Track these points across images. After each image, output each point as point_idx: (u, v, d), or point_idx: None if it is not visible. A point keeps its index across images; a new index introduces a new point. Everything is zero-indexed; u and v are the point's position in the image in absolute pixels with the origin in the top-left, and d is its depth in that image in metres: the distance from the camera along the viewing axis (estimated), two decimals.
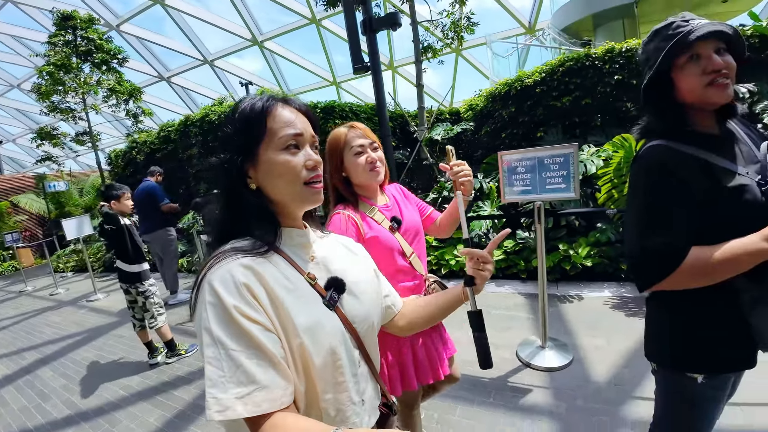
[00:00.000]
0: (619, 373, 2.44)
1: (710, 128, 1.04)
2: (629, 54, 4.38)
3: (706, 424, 1.12)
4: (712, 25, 0.94)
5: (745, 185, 0.94)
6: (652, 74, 1.03)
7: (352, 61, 4.40)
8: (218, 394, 0.60)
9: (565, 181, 2.67)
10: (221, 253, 0.71)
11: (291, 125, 0.74)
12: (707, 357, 1.04)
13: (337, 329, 0.75)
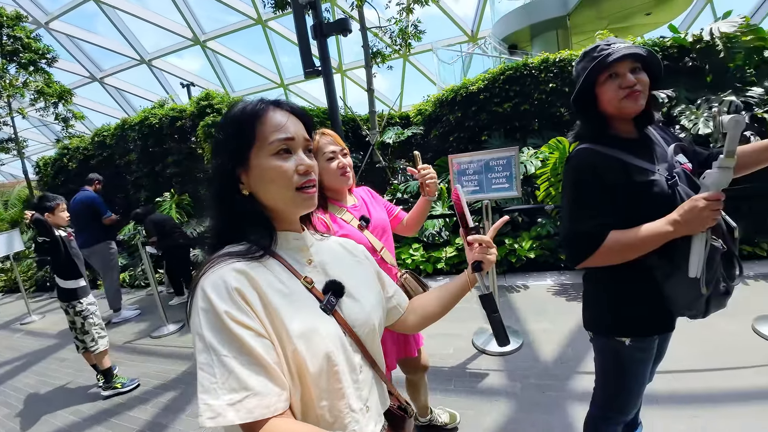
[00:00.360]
0: (564, 352, 2.72)
1: (629, 133, 1.25)
2: (562, 64, 4.80)
3: (637, 382, 1.32)
4: (627, 48, 1.13)
5: (654, 180, 1.14)
6: (580, 88, 1.22)
7: (303, 66, 4.42)
8: (210, 401, 0.59)
9: (508, 181, 2.93)
10: (215, 258, 0.70)
11: (282, 130, 0.73)
12: (632, 323, 1.25)
13: (334, 334, 0.73)
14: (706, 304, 1.13)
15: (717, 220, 1.03)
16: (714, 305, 1.15)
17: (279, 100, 0.78)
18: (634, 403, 1.38)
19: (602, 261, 1.18)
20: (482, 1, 11.51)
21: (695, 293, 1.10)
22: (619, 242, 1.14)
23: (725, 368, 2.33)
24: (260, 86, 15.15)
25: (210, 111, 5.76)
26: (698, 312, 1.16)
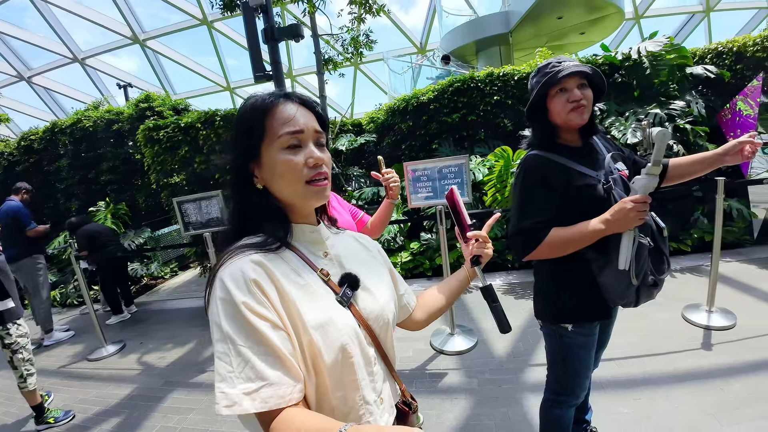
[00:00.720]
0: (516, 347, 2.90)
1: (575, 142, 1.39)
2: (505, 78, 5.10)
3: (582, 366, 1.47)
4: (576, 66, 1.26)
5: (591, 184, 1.29)
6: (533, 100, 1.36)
7: (252, 70, 4.34)
8: (226, 389, 0.60)
9: (460, 187, 3.07)
10: (233, 250, 0.71)
11: (291, 123, 0.73)
12: (572, 311, 1.40)
13: (350, 326, 0.74)
14: (637, 294, 1.28)
15: (644, 219, 1.17)
16: (644, 296, 1.29)
17: (289, 92, 0.79)
18: (582, 386, 1.52)
19: (545, 254, 1.33)
20: (431, 15, 11.98)
21: (625, 283, 1.24)
22: (559, 237, 1.28)
23: (660, 353, 2.60)
24: (204, 89, 14.52)
25: (150, 114, 5.45)
26: (630, 301, 1.30)
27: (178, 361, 3.51)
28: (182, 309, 4.97)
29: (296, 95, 0.78)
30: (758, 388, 2.19)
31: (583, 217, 1.27)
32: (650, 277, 1.25)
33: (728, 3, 11.95)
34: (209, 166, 4.40)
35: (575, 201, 1.29)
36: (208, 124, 4.30)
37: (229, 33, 12.24)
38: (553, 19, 9.28)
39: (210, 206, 3.52)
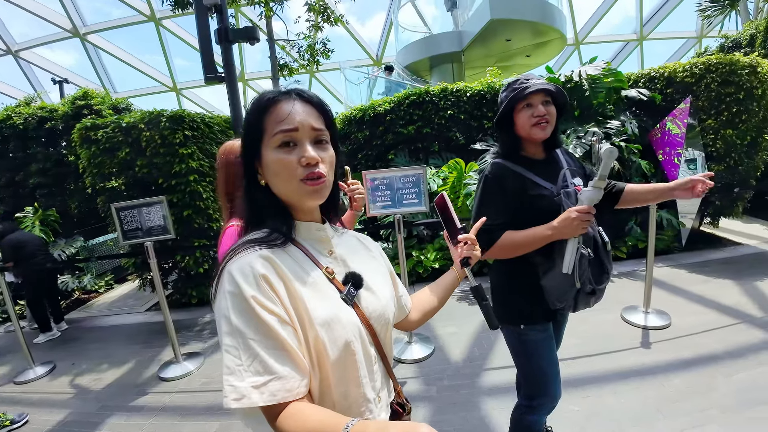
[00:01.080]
0: (471, 352, 2.95)
1: (537, 155, 1.49)
2: (459, 93, 5.28)
3: (547, 362, 1.52)
4: (542, 84, 1.37)
5: (544, 195, 1.39)
6: (501, 113, 1.45)
7: (204, 71, 4.16)
8: (235, 382, 0.61)
9: (417, 197, 3.12)
10: (241, 245, 0.72)
11: (285, 121, 0.72)
12: (520, 311, 1.49)
13: (354, 324, 0.75)
14: (575, 300, 1.36)
15: (586, 229, 1.27)
16: (581, 302, 1.38)
17: (290, 89, 0.77)
18: (554, 384, 1.53)
19: (498, 254, 1.42)
20: (387, 29, 12.23)
21: (565, 287, 1.34)
22: (511, 240, 1.37)
23: (605, 353, 2.76)
24: (148, 88, 13.71)
25: (88, 112, 5.04)
26: (568, 305, 1.39)
27: (116, 384, 3.20)
28: (119, 326, 4.57)
29: (297, 91, 0.76)
30: (694, 383, 2.39)
31: (533, 223, 1.36)
32: (588, 285, 1.33)
33: (659, 33, 13.28)
34: (152, 170, 4.11)
35: (529, 208, 1.38)
36: (153, 125, 4.02)
37: (178, 32, 11.72)
38: (502, 41, 9.82)
39: (152, 213, 3.27)
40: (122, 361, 3.57)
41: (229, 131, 4.72)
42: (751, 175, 4.70)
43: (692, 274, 4.12)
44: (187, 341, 3.79)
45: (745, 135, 4.43)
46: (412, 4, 12.26)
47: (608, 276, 1.40)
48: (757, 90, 4.32)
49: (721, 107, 4.42)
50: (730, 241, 5.09)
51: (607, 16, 12.47)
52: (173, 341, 3.30)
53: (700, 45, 12.82)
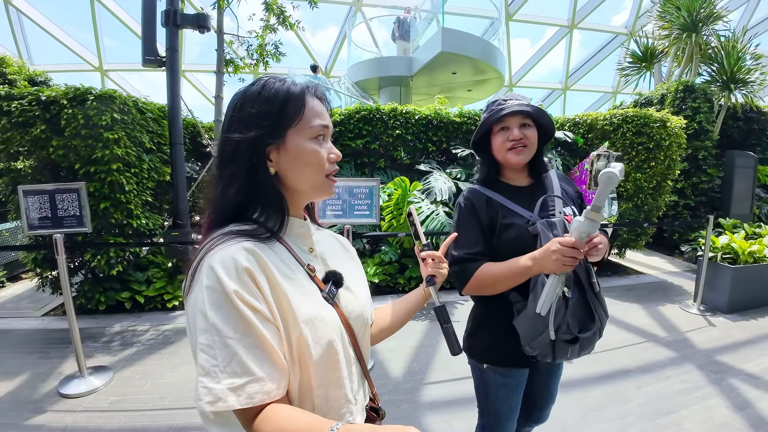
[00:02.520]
0: (410, 367, 2.95)
1: (519, 181, 1.38)
2: (407, 115, 5.43)
3: (502, 406, 1.39)
4: (519, 105, 1.26)
5: (515, 223, 1.27)
6: (478, 135, 1.36)
7: (143, 52, 3.83)
8: (210, 384, 0.57)
9: (369, 209, 3.11)
10: (221, 235, 0.67)
11: (322, 116, 0.74)
12: (486, 349, 1.37)
13: (336, 324, 0.73)
14: (553, 348, 1.18)
15: (567, 265, 1.07)
16: (560, 351, 1.18)
17: (316, 85, 0.78)
18: (503, 427, 1.42)
19: (477, 290, 1.27)
20: (339, 43, 12.32)
21: (538, 331, 1.17)
22: (489, 272, 1.23)
23: None
24: (70, 65, 12.20)
25: (1, 81, 4.34)
26: (544, 354, 1.20)
27: (8, 398, 2.69)
28: (10, 331, 3.87)
29: (321, 90, 0.78)
30: (612, 394, 2.62)
31: (509, 254, 1.24)
32: (566, 333, 1.16)
33: (581, 85, 14.93)
34: (68, 153, 3.64)
35: (502, 237, 1.28)
36: (78, 102, 3.58)
37: (115, 8, 10.71)
38: (448, 74, 10.40)
39: (67, 201, 2.87)
40: (14, 373, 3.01)
41: (163, 120, 4.36)
42: (654, 214, 5.39)
43: (606, 297, 4.55)
44: (93, 353, 3.32)
45: (652, 179, 5.11)
46: (365, 25, 12.56)
47: (597, 324, 1.22)
48: (665, 141, 5.03)
49: (633, 153, 5.06)
50: (634, 270, 5.76)
51: (538, 65, 13.86)
52: (78, 352, 2.86)
53: (615, 99, 14.74)
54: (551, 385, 1.51)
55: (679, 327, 3.74)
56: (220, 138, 0.75)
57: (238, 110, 0.73)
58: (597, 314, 1.22)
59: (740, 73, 6.60)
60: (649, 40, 8.16)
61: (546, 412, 1.56)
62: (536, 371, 1.45)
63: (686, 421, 2.34)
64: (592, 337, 1.22)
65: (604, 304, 1.26)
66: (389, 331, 0.99)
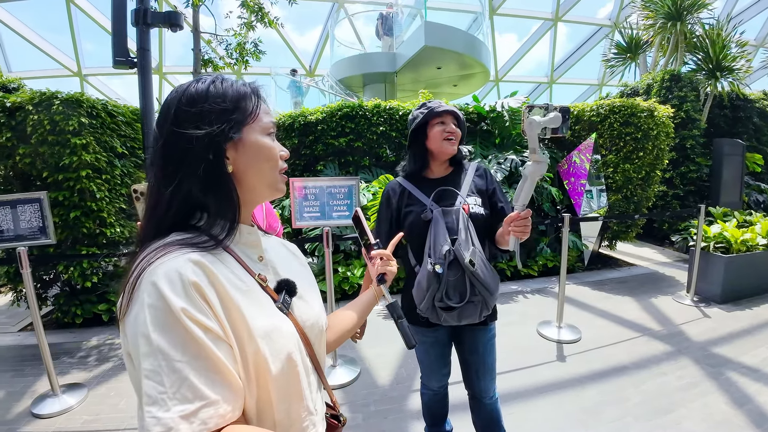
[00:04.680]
0: (398, 373, 2.83)
1: (438, 173, 1.63)
2: (391, 111, 5.32)
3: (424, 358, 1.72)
4: (452, 108, 1.57)
5: (412, 210, 1.54)
6: (417, 125, 1.57)
7: (113, 52, 3.65)
8: (158, 413, 0.52)
9: (348, 209, 2.98)
10: (163, 246, 0.61)
11: (270, 115, 0.75)
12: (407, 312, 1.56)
13: (293, 334, 0.70)
14: (435, 313, 1.47)
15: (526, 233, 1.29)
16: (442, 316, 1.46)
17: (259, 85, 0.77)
18: (427, 376, 1.76)
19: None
20: (323, 41, 12.15)
21: (420, 298, 1.46)
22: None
23: (524, 367, 2.82)
24: (49, 70, 11.92)
25: None
26: (432, 317, 1.48)
27: None
28: None
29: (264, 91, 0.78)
30: (608, 393, 2.53)
31: (408, 237, 1.54)
32: (440, 302, 1.43)
33: (567, 78, 14.93)
34: (36, 160, 3.46)
35: (403, 223, 1.55)
36: (44, 107, 3.40)
37: (92, 12, 10.45)
38: (433, 69, 10.30)
39: (28, 212, 2.71)
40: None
41: (136, 123, 4.19)
42: (644, 204, 5.33)
43: (595, 291, 4.49)
44: (68, 369, 3.16)
45: (641, 170, 5.04)
46: (349, 21, 12.40)
47: (478, 297, 1.44)
48: (653, 131, 4.96)
49: (621, 144, 4.98)
50: (625, 262, 5.70)
51: (523, 59, 13.81)
52: (49, 370, 2.71)
53: (601, 91, 14.75)
54: (480, 349, 1.65)
55: (673, 319, 3.68)
56: (163, 135, 0.66)
57: (186, 105, 0.66)
58: (476, 288, 1.44)
59: (726, 61, 6.59)
60: (633, 31, 8.13)
61: (483, 381, 1.69)
62: (461, 334, 1.67)
63: (686, 419, 2.26)
64: (470, 308, 1.45)
65: (485, 282, 1.44)
66: (346, 335, 0.99)
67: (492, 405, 1.75)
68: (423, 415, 1.95)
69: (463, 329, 1.63)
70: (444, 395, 1.85)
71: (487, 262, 1.51)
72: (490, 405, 1.74)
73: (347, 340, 3.49)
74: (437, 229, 1.46)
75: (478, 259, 1.44)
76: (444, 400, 1.87)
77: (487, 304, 1.48)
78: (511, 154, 5.04)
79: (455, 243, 1.44)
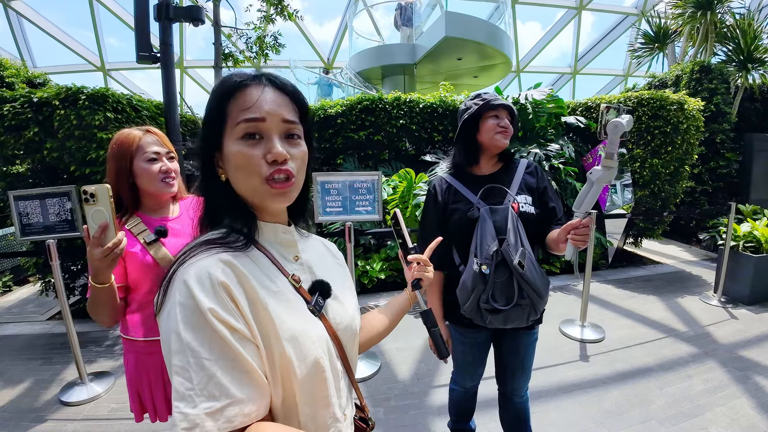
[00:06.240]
0: (419, 368, 2.82)
1: (486, 170, 1.58)
2: (411, 104, 5.26)
3: (459, 357, 1.70)
4: (507, 102, 1.51)
5: (458, 208, 1.51)
6: (469, 117, 1.52)
7: (136, 48, 3.69)
8: (186, 409, 0.53)
9: (371, 204, 2.97)
10: (195, 246, 0.63)
11: (250, 109, 0.63)
12: (449, 311, 1.61)
13: (323, 338, 0.68)
14: (480, 315, 1.41)
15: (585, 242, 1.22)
16: (488, 318, 1.40)
17: (262, 73, 0.68)
18: (461, 375, 1.74)
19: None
20: (341, 33, 12.10)
21: (465, 300, 1.40)
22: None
23: (547, 366, 2.78)
24: (73, 66, 12.25)
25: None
26: (476, 318, 1.43)
27: (10, 406, 2.62)
28: (13, 337, 3.83)
29: (269, 76, 0.68)
30: (631, 395, 2.47)
31: (453, 238, 1.51)
32: (486, 304, 1.38)
33: (591, 69, 14.51)
34: (63, 155, 3.55)
35: (450, 220, 1.52)
36: (70, 102, 3.48)
37: (114, 8, 10.64)
38: (453, 60, 10.14)
39: (58, 205, 2.78)
40: (16, 380, 2.95)
41: (159, 118, 4.25)
42: (671, 200, 5.17)
43: (619, 290, 4.39)
44: (96, 358, 3.25)
45: (669, 165, 4.88)
46: (367, 13, 12.30)
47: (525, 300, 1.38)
48: (683, 125, 4.78)
49: (649, 138, 4.83)
50: (650, 260, 5.56)
51: (548, 49, 13.48)
52: (77, 358, 2.80)
53: (626, 82, 14.29)
54: (520, 351, 1.62)
55: (699, 320, 3.57)
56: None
57: (204, 115, 0.70)
58: (520, 292, 1.39)
59: (757, 53, 6.29)
60: (661, 20, 7.82)
61: (517, 381, 1.67)
62: (502, 335, 1.62)
63: (711, 424, 2.20)
64: (518, 311, 1.39)
65: (534, 285, 1.38)
66: (377, 339, 0.97)
67: (522, 404, 1.73)
68: (449, 411, 1.94)
69: (506, 331, 1.57)
70: (474, 393, 1.84)
71: (537, 263, 1.44)
72: (520, 404, 1.73)
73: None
74: (484, 228, 1.41)
75: (528, 260, 1.38)
76: (473, 398, 1.86)
77: (535, 308, 1.41)
78: (535, 148, 4.92)
79: (503, 243, 1.39)
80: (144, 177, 1.30)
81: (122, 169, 1.30)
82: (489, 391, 1.96)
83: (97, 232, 1.01)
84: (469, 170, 1.58)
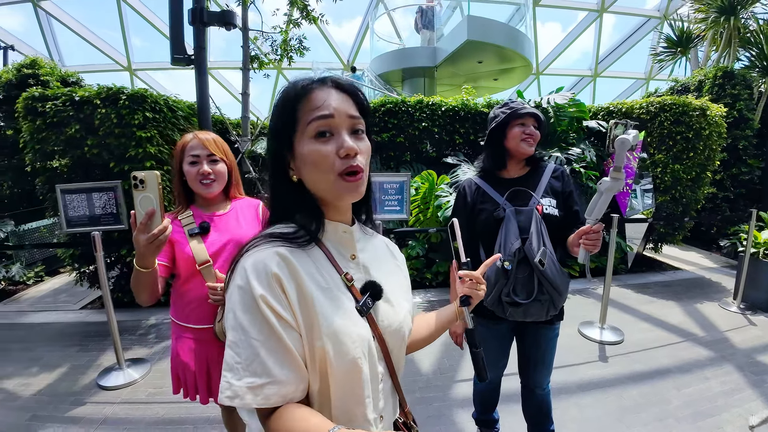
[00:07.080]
0: (441, 363, 2.93)
1: (513, 173, 1.66)
2: (434, 107, 5.34)
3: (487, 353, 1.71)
4: (532, 109, 1.59)
5: (484, 208, 1.60)
6: (497, 124, 1.61)
7: (171, 51, 3.88)
8: (232, 380, 0.61)
9: (399, 204, 3.07)
10: (261, 237, 0.69)
11: (319, 108, 0.67)
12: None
13: (364, 339, 0.70)
14: (502, 307, 1.52)
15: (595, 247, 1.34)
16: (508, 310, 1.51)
17: (325, 76, 0.72)
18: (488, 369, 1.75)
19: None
20: (362, 35, 12.24)
21: (487, 293, 1.46)
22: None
23: (567, 365, 2.85)
24: (99, 65, 12.59)
25: (34, 83, 4.50)
26: (498, 311, 1.53)
27: (48, 391, 2.78)
28: (48, 324, 4.04)
29: (331, 78, 0.72)
30: (650, 394, 2.54)
31: (480, 238, 1.60)
32: (507, 297, 1.48)
33: (612, 71, 14.32)
34: (103, 152, 3.74)
35: (477, 220, 1.61)
36: (110, 101, 3.67)
37: (141, 9, 10.94)
38: (474, 63, 10.16)
39: (104, 200, 2.95)
40: (54, 366, 3.13)
41: (192, 118, 4.43)
42: (692, 206, 5.16)
43: (638, 294, 4.42)
44: (130, 346, 3.42)
45: (691, 170, 4.88)
46: (388, 16, 12.40)
47: (545, 296, 1.48)
48: (705, 131, 4.78)
49: (671, 143, 4.83)
50: (670, 266, 5.55)
51: (568, 51, 13.37)
52: (117, 345, 2.95)
53: (648, 86, 14.07)
54: (542, 345, 1.70)
55: (718, 325, 3.59)
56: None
57: (271, 120, 0.75)
58: (540, 287, 1.48)
59: None
60: (684, 24, 7.76)
61: (539, 374, 1.75)
62: (524, 329, 1.71)
63: (727, 424, 2.25)
64: (537, 306, 1.49)
65: (554, 282, 1.48)
66: (419, 345, 0.97)
67: (543, 396, 1.81)
68: (473, 402, 2.04)
69: (527, 325, 1.66)
70: (497, 384, 1.93)
71: (558, 263, 1.53)
72: (541, 396, 1.81)
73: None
74: (508, 227, 1.51)
75: (548, 259, 1.47)
76: (497, 390, 1.95)
77: (554, 304, 1.51)
78: (556, 152, 4.95)
79: (526, 242, 1.49)
80: (188, 177, 1.45)
81: (176, 169, 1.47)
82: (512, 386, 2.05)
83: (143, 218, 1.04)
84: (497, 173, 1.67)
